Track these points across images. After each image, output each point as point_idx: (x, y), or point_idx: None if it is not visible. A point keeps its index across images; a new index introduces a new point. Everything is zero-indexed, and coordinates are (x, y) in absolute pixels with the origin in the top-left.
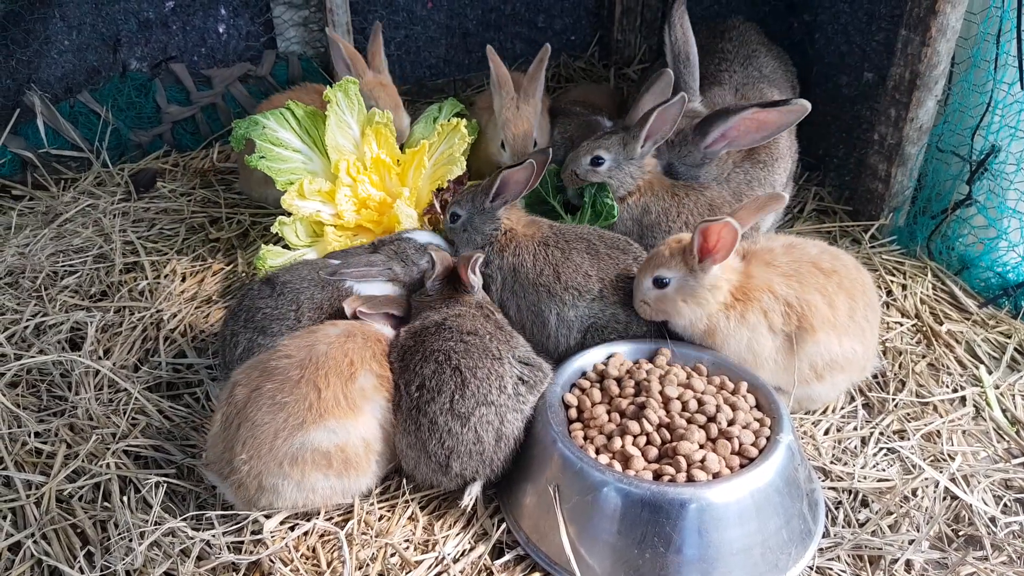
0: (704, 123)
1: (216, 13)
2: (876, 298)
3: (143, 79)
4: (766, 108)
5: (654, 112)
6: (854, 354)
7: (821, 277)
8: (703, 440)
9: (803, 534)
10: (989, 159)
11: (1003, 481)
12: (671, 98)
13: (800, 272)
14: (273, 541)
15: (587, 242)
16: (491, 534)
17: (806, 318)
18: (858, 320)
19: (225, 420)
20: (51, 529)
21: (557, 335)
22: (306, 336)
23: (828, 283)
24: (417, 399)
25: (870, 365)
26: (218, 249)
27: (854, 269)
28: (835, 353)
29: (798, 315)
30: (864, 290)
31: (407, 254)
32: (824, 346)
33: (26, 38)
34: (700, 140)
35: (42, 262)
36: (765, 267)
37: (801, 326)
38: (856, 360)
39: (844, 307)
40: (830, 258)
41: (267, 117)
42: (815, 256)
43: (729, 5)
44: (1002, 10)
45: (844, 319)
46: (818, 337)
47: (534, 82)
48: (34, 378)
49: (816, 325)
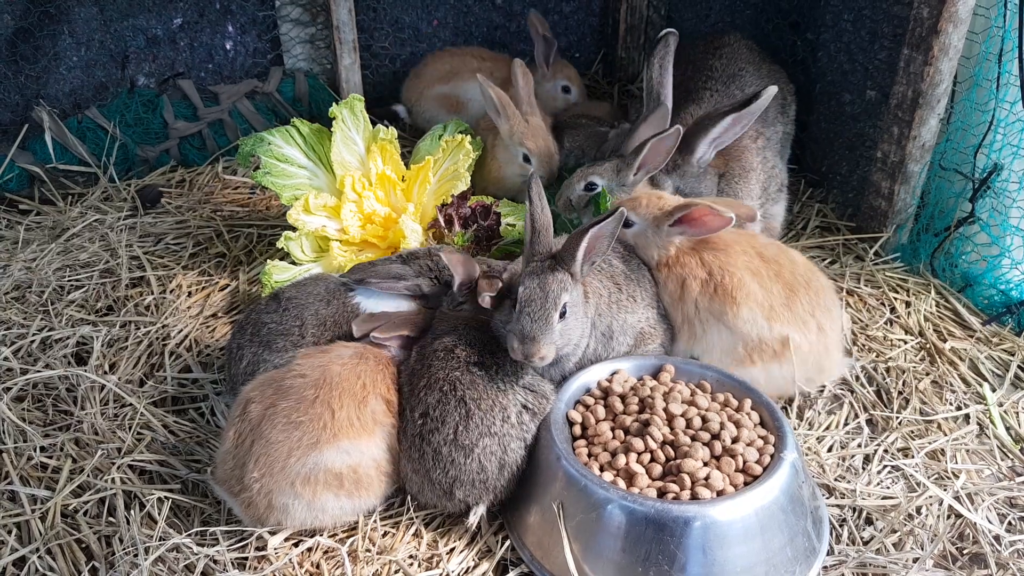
0: (687, 139)
1: (223, 30)
2: (832, 302)
3: (151, 95)
4: (739, 110)
5: (648, 143)
6: (795, 342)
7: (758, 260)
8: (707, 457)
9: (807, 552)
10: (992, 177)
11: (1007, 499)
12: (666, 130)
13: (733, 249)
14: (277, 557)
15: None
16: (495, 551)
17: (726, 287)
18: (798, 312)
19: (238, 437)
20: (56, 544)
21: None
22: (319, 356)
23: (764, 267)
24: (421, 427)
25: (830, 367)
26: (224, 265)
27: (804, 267)
28: (764, 335)
29: (717, 283)
30: (810, 287)
31: (441, 273)
32: (749, 323)
33: (35, 54)
34: (690, 156)
35: (49, 277)
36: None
37: (719, 294)
38: (800, 352)
39: (779, 294)
40: (776, 250)
41: (272, 134)
42: (760, 244)
43: (733, 23)
44: (1004, 30)
45: (778, 305)
46: (741, 311)
47: (527, 95)
48: (40, 392)
49: (739, 299)
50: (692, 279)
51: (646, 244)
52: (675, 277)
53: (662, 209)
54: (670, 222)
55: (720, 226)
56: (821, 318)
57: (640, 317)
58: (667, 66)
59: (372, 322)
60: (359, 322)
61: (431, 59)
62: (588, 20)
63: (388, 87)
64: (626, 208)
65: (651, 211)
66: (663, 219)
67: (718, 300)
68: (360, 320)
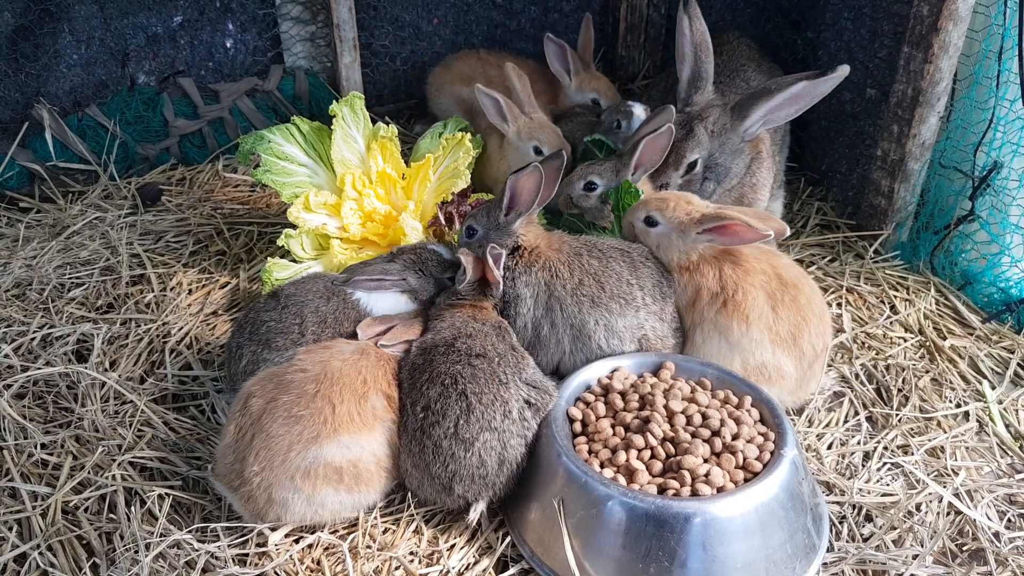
0: (743, 105)
1: (224, 28)
2: (829, 337)
3: (151, 93)
4: (813, 80)
5: (643, 141)
6: (785, 372)
7: (776, 281)
8: (707, 454)
9: (807, 548)
10: (991, 175)
11: (1007, 496)
12: (659, 127)
13: (753, 267)
14: (278, 553)
15: (621, 251)
16: (496, 548)
17: (738, 304)
18: (801, 344)
19: (238, 431)
20: (56, 540)
21: (608, 346)
22: (320, 351)
23: (781, 291)
24: (422, 421)
25: (802, 392)
26: (224, 262)
27: (817, 298)
28: (767, 360)
29: (728, 298)
30: (820, 321)
31: (425, 265)
32: (756, 343)
33: (35, 52)
34: (739, 123)
35: (49, 274)
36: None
37: (728, 309)
38: (785, 381)
39: (789, 321)
40: (797, 274)
41: (273, 132)
42: (782, 265)
43: (733, 21)
44: (1004, 28)
45: (785, 332)
46: (751, 332)
47: (527, 96)
48: (40, 390)
49: (751, 318)
50: (705, 288)
51: (668, 246)
52: (692, 283)
53: (690, 215)
54: (699, 231)
55: (754, 239)
56: (819, 349)
57: (631, 323)
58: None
59: (376, 327)
60: (364, 327)
61: (461, 56)
62: None
63: (388, 85)
64: (653, 208)
65: (678, 215)
66: (691, 226)
67: (725, 315)
68: (365, 324)
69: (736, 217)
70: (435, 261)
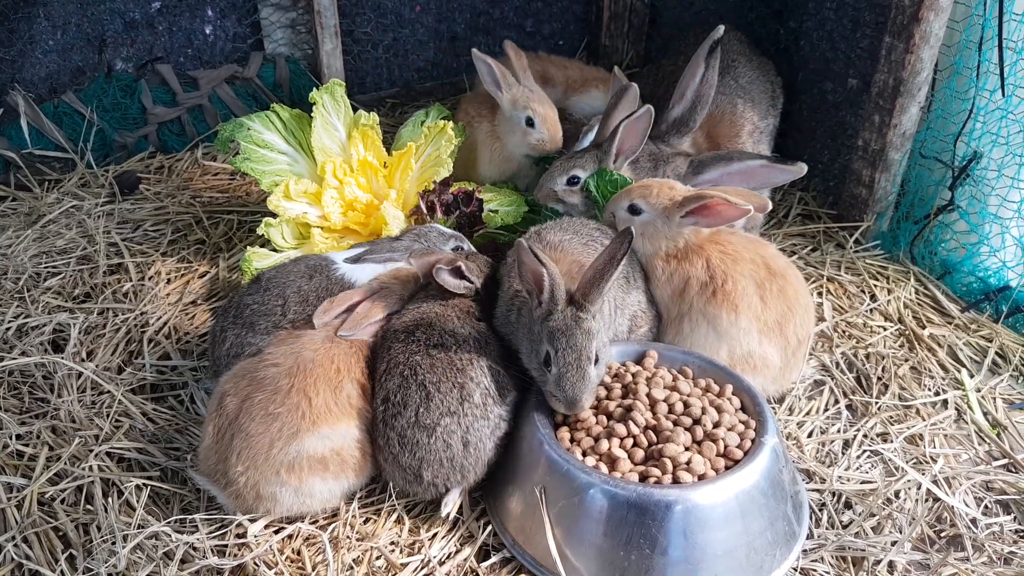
0: (704, 163)
1: (203, 14)
2: (811, 327)
3: (128, 80)
4: (771, 165)
5: (621, 126)
6: (770, 361)
7: (764, 271)
8: (689, 442)
9: (787, 536)
10: (971, 165)
11: (984, 483)
12: (637, 110)
13: (742, 256)
14: (258, 544)
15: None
16: (477, 536)
17: (728, 294)
18: (787, 334)
19: (217, 432)
20: (32, 532)
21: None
22: (291, 342)
23: (770, 280)
24: (383, 413)
25: (785, 381)
26: (203, 252)
27: (803, 288)
28: (753, 349)
29: (717, 287)
30: (805, 311)
31: (429, 239)
32: (744, 332)
33: (10, 37)
34: (692, 179)
35: (25, 263)
36: (712, 243)
37: (717, 298)
38: (769, 370)
39: (777, 311)
40: (784, 264)
41: (252, 119)
42: (770, 255)
43: (717, 12)
44: (984, 18)
45: (772, 322)
46: (739, 321)
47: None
48: (16, 380)
49: (740, 307)
50: (694, 278)
51: (654, 233)
52: (680, 273)
53: (673, 199)
54: (682, 213)
55: (736, 216)
56: (803, 340)
57: (634, 300)
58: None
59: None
60: (319, 314)
61: None
62: (572, 7)
63: (370, 73)
64: (636, 196)
65: (662, 200)
66: (674, 210)
67: (715, 304)
68: (321, 311)
69: (716, 195)
70: (436, 233)
